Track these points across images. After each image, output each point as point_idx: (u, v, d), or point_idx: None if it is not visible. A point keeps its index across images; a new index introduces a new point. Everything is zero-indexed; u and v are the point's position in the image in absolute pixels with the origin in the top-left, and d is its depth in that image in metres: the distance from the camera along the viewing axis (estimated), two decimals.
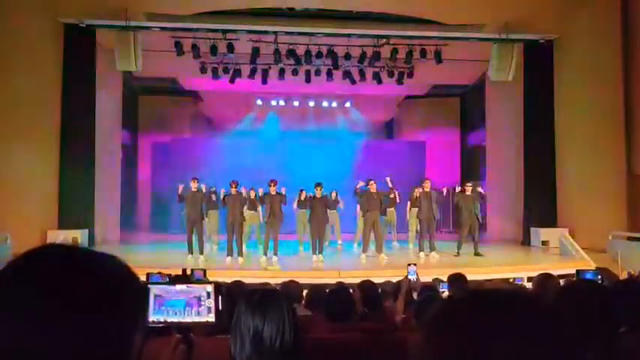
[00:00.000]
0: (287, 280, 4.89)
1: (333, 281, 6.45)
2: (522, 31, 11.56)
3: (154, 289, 1.27)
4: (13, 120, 9.99)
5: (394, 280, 5.34)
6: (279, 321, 1.69)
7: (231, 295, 3.08)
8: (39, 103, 10.59)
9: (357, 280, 4.64)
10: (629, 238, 9.88)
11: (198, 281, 1.32)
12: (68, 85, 11.08)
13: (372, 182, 10.10)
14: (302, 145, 15.92)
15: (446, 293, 4.47)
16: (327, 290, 3.58)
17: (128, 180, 15.21)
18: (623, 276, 5.82)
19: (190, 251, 9.95)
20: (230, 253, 9.77)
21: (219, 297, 1.30)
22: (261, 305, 1.70)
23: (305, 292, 4.57)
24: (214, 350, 1.85)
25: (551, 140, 12.22)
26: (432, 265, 9.62)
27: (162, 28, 11.34)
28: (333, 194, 11.28)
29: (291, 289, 4.44)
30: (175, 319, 1.26)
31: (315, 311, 3.94)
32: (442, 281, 5.05)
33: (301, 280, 5.11)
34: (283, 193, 9.81)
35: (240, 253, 9.71)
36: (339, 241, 11.82)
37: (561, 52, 12.05)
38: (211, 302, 1.28)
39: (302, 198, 10.56)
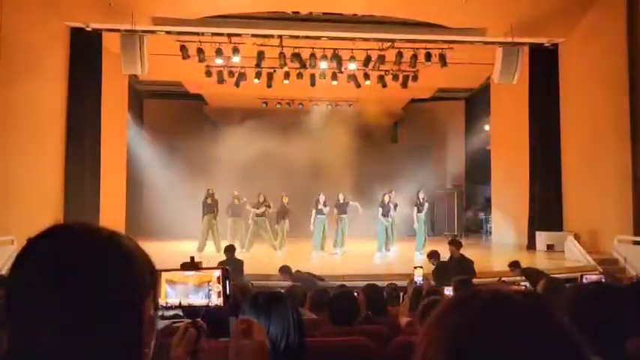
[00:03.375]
0: (291, 284, 4.89)
1: (335, 284, 6.46)
2: (528, 35, 11.53)
3: (165, 275, 1.32)
4: (19, 123, 10.04)
5: (398, 283, 5.34)
6: (284, 322, 1.69)
7: (235, 297, 3.08)
8: (45, 106, 10.64)
9: (360, 283, 4.64)
10: (635, 243, 9.83)
11: (206, 267, 1.37)
12: (74, 88, 11.16)
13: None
14: (306, 149, 15.90)
15: None
16: (332, 294, 3.58)
17: (133, 182, 15.24)
18: (629, 280, 5.78)
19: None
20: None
21: (227, 281, 1.34)
22: (266, 307, 1.71)
23: (309, 296, 4.58)
24: (218, 352, 1.85)
25: (556, 143, 12.18)
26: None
27: (168, 32, 11.39)
28: (340, 196, 11.44)
29: (295, 292, 4.44)
30: (185, 303, 1.32)
31: (319, 314, 3.94)
32: (447, 285, 5.03)
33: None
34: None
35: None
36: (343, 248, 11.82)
37: (567, 55, 12.03)
38: (219, 287, 1.33)
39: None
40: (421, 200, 11.63)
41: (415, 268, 4.83)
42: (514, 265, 7.52)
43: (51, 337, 0.69)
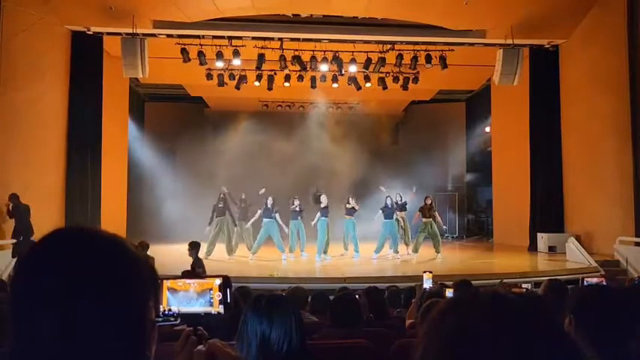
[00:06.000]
0: (293, 286, 4.89)
1: (337, 286, 6.46)
2: (528, 36, 11.54)
3: (167, 282, 1.34)
4: (20, 126, 10.07)
5: (399, 285, 5.33)
6: (285, 326, 1.69)
7: (236, 300, 3.08)
8: (46, 109, 10.66)
9: (361, 285, 4.64)
10: (637, 244, 9.82)
11: (207, 275, 1.38)
12: (75, 91, 11.18)
13: None
14: (307, 150, 15.92)
15: None
16: (334, 297, 3.58)
17: (134, 185, 15.26)
18: (630, 282, 5.77)
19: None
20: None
21: (228, 289, 1.35)
22: (268, 310, 1.71)
23: (309, 299, 4.58)
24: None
25: (557, 144, 12.18)
26: (440, 270, 9.58)
27: (169, 35, 11.41)
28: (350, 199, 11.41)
29: (297, 295, 4.44)
30: (187, 311, 1.33)
31: (320, 317, 3.94)
32: (447, 286, 5.03)
33: (305, 286, 5.13)
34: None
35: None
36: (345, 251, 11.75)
37: (567, 56, 12.03)
38: (220, 295, 1.34)
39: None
40: (427, 205, 11.50)
41: (425, 272, 4.84)
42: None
43: (53, 339, 0.69)
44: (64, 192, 10.97)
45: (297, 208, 11.24)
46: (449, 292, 4.63)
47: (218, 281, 1.37)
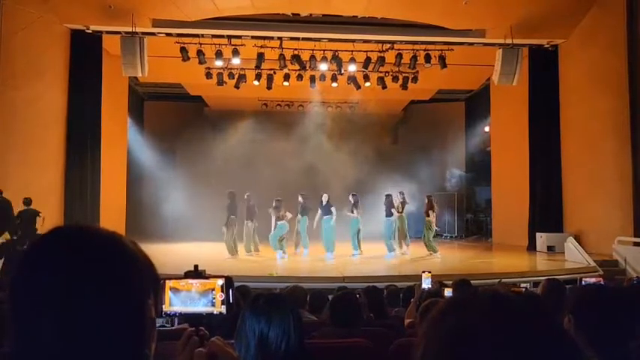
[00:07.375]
0: (292, 285, 4.89)
1: (336, 285, 6.46)
2: (527, 36, 11.55)
3: (169, 282, 1.35)
4: (19, 125, 10.06)
5: (398, 284, 5.34)
6: (284, 325, 1.70)
7: (237, 299, 3.09)
8: (45, 108, 10.66)
9: (360, 284, 4.64)
10: (635, 244, 9.83)
11: (210, 275, 1.39)
12: (74, 90, 11.18)
13: None
14: (306, 150, 15.91)
15: None
16: (334, 296, 3.58)
17: (134, 184, 15.24)
18: (629, 282, 5.77)
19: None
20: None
21: (230, 290, 1.35)
22: (267, 310, 1.71)
23: (309, 297, 4.58)
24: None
25: (556, 144, 12.19)
26: (439, 269, 9.58)
27: (168, 34, 11.41)
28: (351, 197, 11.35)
29: (296, 294, 4.44)
30: (189, 311, 1.34)
31: (319, 316, 3.95)
32: (446, 286, 5.03)
33: (304, 285, 5.13)
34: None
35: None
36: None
37: (567, 56, 12.04)
38: (223, 295, 1.35)
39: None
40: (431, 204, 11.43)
41: (423, 272, 4.84)
42: None
43: (53, 339, 0.69)
44: (63, 190, 10.98)
45: (303, 204, 11.28)
46: (448, 292, 4.63)
47: (220, 281, 1.37)
